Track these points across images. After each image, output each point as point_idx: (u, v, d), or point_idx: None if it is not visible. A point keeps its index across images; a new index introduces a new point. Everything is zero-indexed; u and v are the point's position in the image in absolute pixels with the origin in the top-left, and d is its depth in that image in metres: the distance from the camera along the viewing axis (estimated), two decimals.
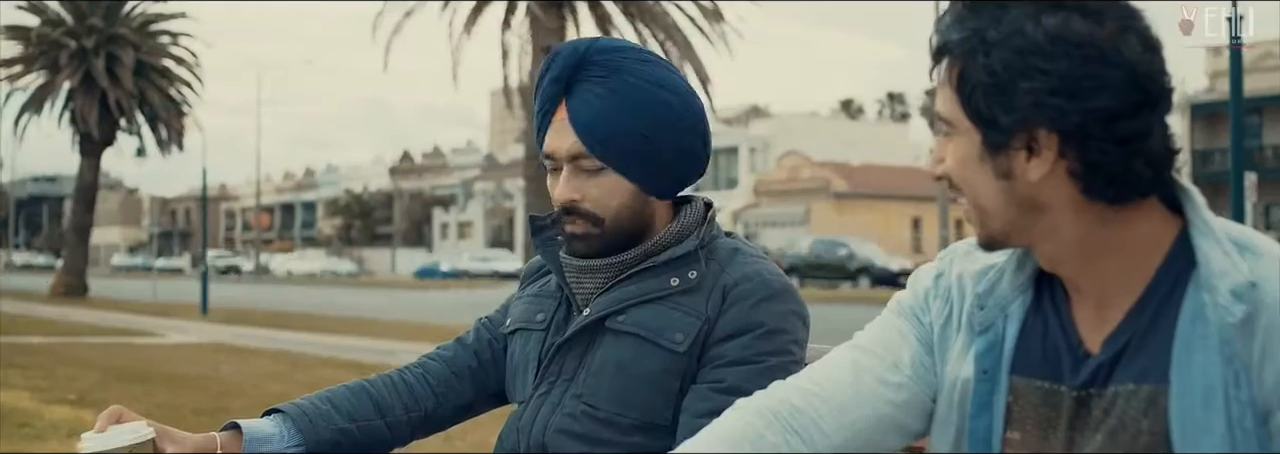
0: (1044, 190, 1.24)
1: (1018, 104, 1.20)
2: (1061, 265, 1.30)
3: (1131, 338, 1.24)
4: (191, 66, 36.75)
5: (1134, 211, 1.24)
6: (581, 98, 1.81)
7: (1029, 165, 1.23)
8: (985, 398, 1.34)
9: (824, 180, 54.17)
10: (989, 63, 1.21)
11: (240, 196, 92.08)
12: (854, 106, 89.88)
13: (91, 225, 37.39)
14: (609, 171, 1.82)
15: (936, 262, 1.48)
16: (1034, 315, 1.34)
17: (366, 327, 19.84)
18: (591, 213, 1.83)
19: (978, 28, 1.23)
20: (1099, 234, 1.25)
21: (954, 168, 1.29)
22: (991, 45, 1.22)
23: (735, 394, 1.72)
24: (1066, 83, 1.19)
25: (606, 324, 1.84)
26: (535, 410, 1.87)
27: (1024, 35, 1.20)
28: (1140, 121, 1.20)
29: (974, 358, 1.36)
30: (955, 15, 1.27)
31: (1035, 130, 1.21)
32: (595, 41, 1.88)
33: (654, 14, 20.19)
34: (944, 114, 1.29)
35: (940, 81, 1.29)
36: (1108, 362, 1.25)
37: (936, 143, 1.34)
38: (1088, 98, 1.19)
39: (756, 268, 1.83)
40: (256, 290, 41.34)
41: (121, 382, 10.42)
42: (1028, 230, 1.28)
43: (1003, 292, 1.36)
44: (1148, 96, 1.20)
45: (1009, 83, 1.21)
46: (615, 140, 1.80)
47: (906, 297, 1.48)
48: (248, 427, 1.84)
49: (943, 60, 1.28)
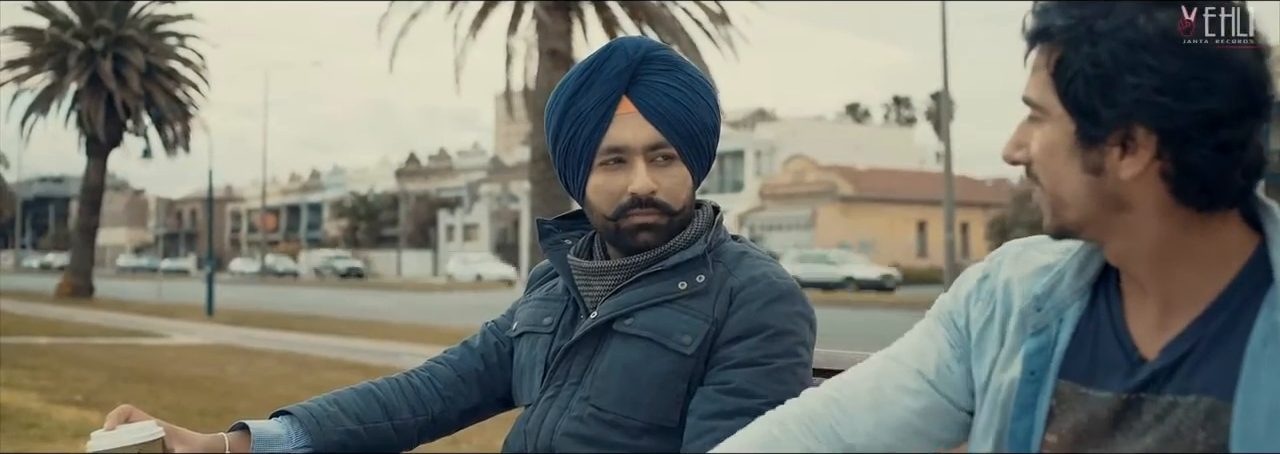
0: (1133, 189, 1.20)
1: (1121, 99, 1.17)
2: (1133, 265, 1.27)
3: (1195, 346, 1.21)
4: (198, 68, 36.77)
5: (1218, 221, 1.21)
6: (653, 90, 1.84)
7: (1122, 163, 1.19)
8: (1030, 399, 1.33)
9: (830, 184, 54.15)
10: (1095, 53, 1.17)
11: (246, 198, 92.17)
12: (860, 110, 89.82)
13: (97, 226, 37.44)
14: (678, 163, 1.85)
15: (985, 262, 1.47)
16: (1088, 320, 1.32)
17: (373, 329, 19.85)
18: (665, 204, 1.84)
19: (1085, 16, 1.19)
20: (1179, 239, 1.22)
21: (1039, 155, 1.26)
22: (1099, 35, 1.17)
23: (742, 396, 1.74)
24: (1175, 82, 1.15)
25: (614, 327, 1.84)
26: (542, 413, 1.87)
27: (1136, 28, 1.16)
28: (1243, 128, 1.16)
29: (1023, 358, 1.34)
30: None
31: (1134, 128, 1.17)
32: (645, 39, 1.92)
33: (660, 17, 20.18)
34: (1035, 100, 1.24)
35: (1035, 66, 1.24)
36: (1166, 368, 1.22)
37: (1018, 127, 1.29)
38: (1195, 99, 1.15)
39: (763, 270, 1.84)
40: (261, 292, 41.35)
41: (128, 383, 10.44)
42: (1105, 226, 1.25)
43: (1062, 294, 1.34)
44: (1254, 103, 1.16)
45: (1115, 75, 1.16)
46: (690, 132, 1.85)
47: (946, 300, 1.48)
48: (256, 428, 1.85)
49: (1038, 44, 1.24)
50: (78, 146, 35.45)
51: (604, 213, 1.86)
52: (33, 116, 36.04)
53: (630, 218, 1.84)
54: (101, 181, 35.99)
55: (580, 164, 1.86)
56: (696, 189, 1.92)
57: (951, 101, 30.69)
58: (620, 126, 1.83)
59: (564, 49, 18.47)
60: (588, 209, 1.90)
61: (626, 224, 1.84)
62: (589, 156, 1.85)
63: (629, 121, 1.83)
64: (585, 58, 1.92)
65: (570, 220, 2.02)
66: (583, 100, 1.85)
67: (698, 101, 1.86)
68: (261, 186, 74.85)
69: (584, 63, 1.89)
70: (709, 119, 1.88)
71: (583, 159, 1.86)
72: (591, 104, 1.84)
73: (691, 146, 1.86)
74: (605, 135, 1.83)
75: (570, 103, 1.86)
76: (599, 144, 1.84)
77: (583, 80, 1.86)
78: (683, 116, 1.84)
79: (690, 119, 1.85)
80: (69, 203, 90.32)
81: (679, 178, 1.86)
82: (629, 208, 1.83)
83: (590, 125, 1.84)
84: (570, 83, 1.87)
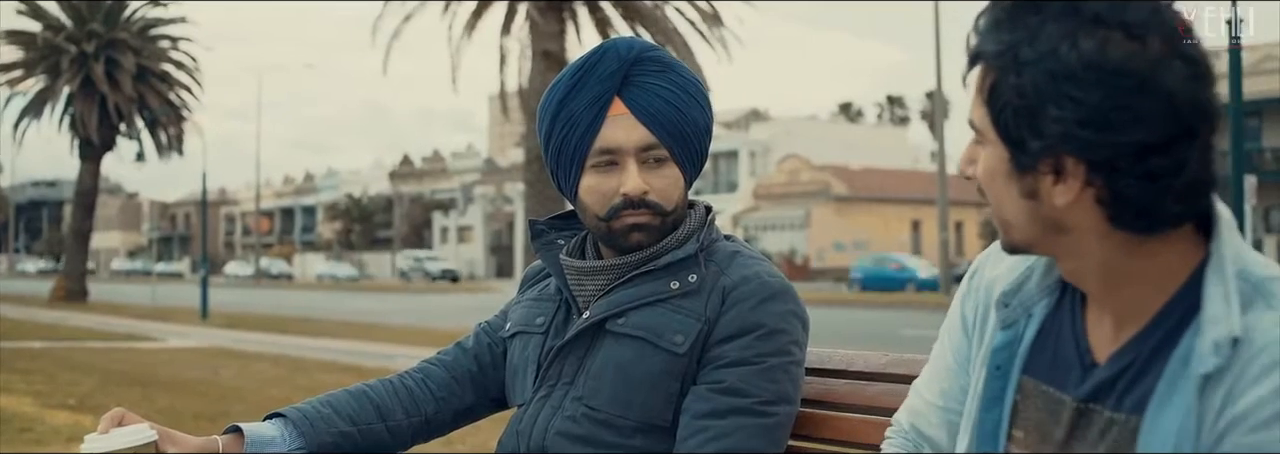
0: (1069, 215, 1.19)
1: (1047, 130, 1.14)
2: (1082, 282, 1.27)
3: (1133, 361, 1.21)
4: (191, 71, 36.74)
5: (1158, 243, 1.19)
6: (645, 91, 1.84)
7: (1055, 190, 1.17)
8: (997, 393, 1.35)
9: (824, 184, 54.17)
10: (1020, 83, 1.15)
11: (240, 201, 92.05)
12: (853, 110, 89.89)
13: (91, 230, 37.36)
14: (670, 164, 1.86)
15: (975, 260, 1.49)
16: (1053, 319, 1.33)
17: (366, 331, 19.84)
18: (658, 204, 1.85)
19: (1013, 43, 1.16)
20: (1123, 261, 1.20)
21: (982, 176, 1.26)
22: (1024, 65, 1.15)
23: (735, 395, 1.74)
24: (1098, 114, 1.11)
25: (607, 327, 1.84)
26: (535, 413, 1.87)
27: (1058, 58, 1.13)
28: (1174, 155, 1.12)
29: (990, 353, 1.36)
30: (992, 19, 1.20)
31: (1063, 157, 1.15)
32: (638, 40, 1.92)
33: (653, 18, 20.17)
34: (975, 123, 1.24)
35: (974, 87, 1.23)
36: (1109, 379, 1.23)
37: (969, 144, 1.29)
38: (1119, 131, 1.11)
39: (756, 270, 1.84)
40: (254, 295, 41.31)
41: (122, 386, 10.41)
42: (1051, 246, 1.25)
43: (1030, 291, 1.35)
44: (1186, 128, 1.12)
45: (1039, 107, 1.14)
46: (683, 133, 1.85)
47: (953, 307, 1.51)
48: (249, 430, 1.85)
49: (976, 66, 1.22)
50: (71, 150, 35.39)
51: (596, 213, 1.86)
52: (26, 120, 36.00)
53: (622, 218, 1.84)
54: (95, 185, 35.93)
55: (572, 165, 1.86)
56: (689, 189, 1.92)
57: (945, 101, 30.76)
58: (612, 128, 1.83)
59: (557, 50, 18.46)
60: (580, 209, 1.90)
61: (619, 224, 1.85)
62: (581, 157, 1.85)
63: (621, 123, 1.83)
64: (577, 59, 1.92)
65: (563, 221, 2.02)
66: (575, 101, 1.85)
67: (690, 102, 1.87)
68: (255, 189, 74.71)
69: (576, 64, 1.89)
70: (701, 120, 1.89)
71: (575, 160, 1.86)
72: (583, 105, 1.84)
73: (684, 147, 1.87)
74: (597, 136, 1.84)
75: (562, 104, 1.86)
76: (591, 145, 1.84)
77: (575, 81, 1.86)
78: (675, 117, 1.84)
79: (682, 120, 1.85)
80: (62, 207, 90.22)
81: (671, 179, 1.86)
82: (621, 208, 1.84)
83: (582, 126, 1.84)
84: (562, 84, 1.87)
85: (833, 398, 1.92)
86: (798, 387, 1.81)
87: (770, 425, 1.75)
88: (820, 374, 1.95)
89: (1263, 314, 1.14)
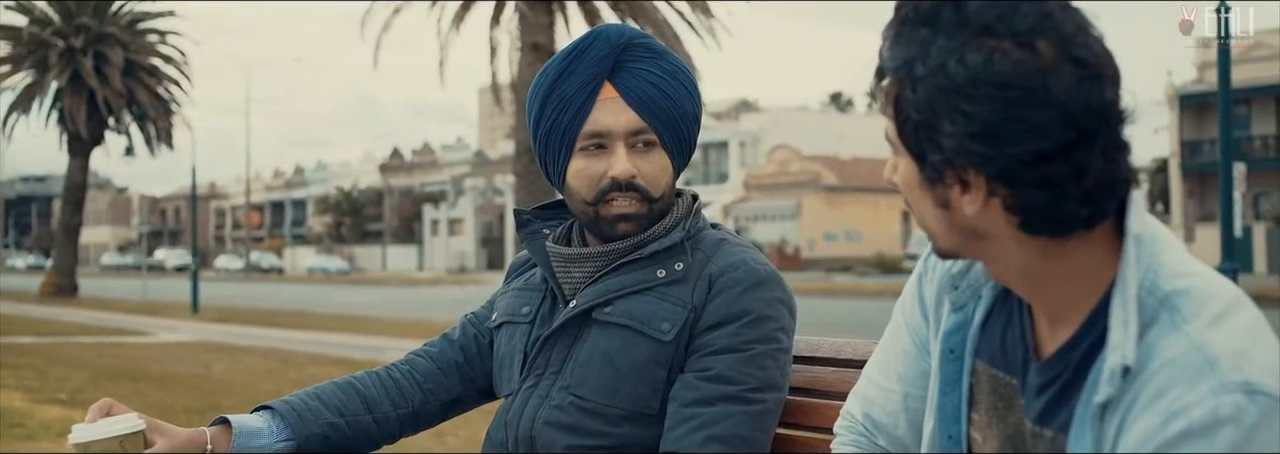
0: (981, 223, 1.19)
1: (943, 144, 1.15)
2: (1010, 284, 1.28)
3: (1062, 373, 1.22)
4: (180, 65, 36.62)
5: (1081, 242, 1.19)
6: (636, 76, 1.85)
7: (963, 199, 1.18)
8: (954, 377, 1.36)
9: (814, 174, 54.22)
10: (916, 99, 1.16)
11: (230, 195, 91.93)
12: (843, 99, 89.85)
13: (81, 225, 37.30)
14: (658, 150, 1.86)
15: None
16: (1002, 303, 1.33)
17: (357, 324, 19.82)
18: (645, 190, 1.84)
19: (908, 58, 1.17)
20: (1042, 264, 1.20)
21: (901, 186, 1.27)
22: (918, 80, 1.15)
23: (722, 383, 1.74)
24: (988, 127, 1.12)
25: (593, 316, 1.84)
26: (523, 403, 1.87)
27: (947, 73, 1.13)
28: (1073, 161, 1.12)
29: (943, 336, 1.37)
30: (892, 35, 1.21)
31: (963, 169, 1.16)
32: (628, 27, 1.93)
33: (643, 9, 20.16)
34: (889, 135, 1.24)
35: (885, 98, 1.23)
36: (1044, 385, 1.23)
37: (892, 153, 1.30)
38: (1012, 142, 1.12)
39: (742, 257, 1.84)
40: (245, 288, 41.25)
41: (113, 381, 10.40)
42: (974, 251, 1.25)
43: (977, 273, 1.35)
44: (1082, 133, 1.12)
45: (934, 122, 1.15)
46: (671, 119, 1.86)
47: (908, 286, 1.50)
48: (237, 422, 1.84)
49: (883, 80, 1.23)
50: (60, 145, 35.28)
51: (583, 197, 1.86)
52: (14, 115, 35.89)
53: (610, 204, 1.84)
54: (84, 180, 35.81)
55: (561, 148, 1.86)
56: (677, 178, 1.92)
57: None
58: (602, 111, 1.84)
59: (546, 42, 18.42)
60: (567, 195, 1.90)
61: (606, 211, 1.84)
62: (570, 141, 1.85)
63: (611, 106, 1.84)
64: (568, 44, 1.92)
65: (549, 210, 2.02)
66: (565, 85, 1.85)
67: (679, 89, 1.87)
68: (245, 183, 74.59)
69: (567, 48, 1.89)
70: (690, 107, 1.89)
71: (564, 143, 1.86)
72: (573, 88, 1.84)
73: (672, 133, 1.87)
74: (587, 120, 1.84)
75: (552, 87, 1.86)
76: (580, 128, 1.84)
77: (565, 65, 1.86)
78: (664, 103, 1.85)
79: (671, 106, 1.86)
80: (52, 202, 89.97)
81: (659, 164, 1.86)
82: (608, 191, 1.84)
83: (572, 109, 1.84)
84: (553, 68, 1.88)
85: (821, 385, 1.92)
86: (785, 374, 1.81)
87: (758, 413, 1.75)
88: (808, 362, 1.95)
89: (1163, 334, 1.13)
